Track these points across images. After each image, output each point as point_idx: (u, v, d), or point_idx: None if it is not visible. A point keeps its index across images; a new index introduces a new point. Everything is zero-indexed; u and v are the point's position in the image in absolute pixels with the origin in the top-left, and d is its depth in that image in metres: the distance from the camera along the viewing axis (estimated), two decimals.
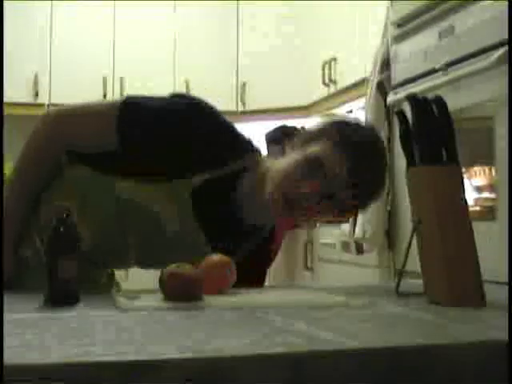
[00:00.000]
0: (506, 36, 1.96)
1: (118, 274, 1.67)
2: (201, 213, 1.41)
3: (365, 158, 1.36)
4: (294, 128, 3.13)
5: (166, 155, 1.38)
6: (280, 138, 3.03)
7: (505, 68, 1.96)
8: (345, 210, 1.41)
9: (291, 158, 1.40)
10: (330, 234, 3.24)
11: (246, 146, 1.48)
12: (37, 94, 4.38)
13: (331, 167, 1.35)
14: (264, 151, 3.10)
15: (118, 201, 1.39)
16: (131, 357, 0.73)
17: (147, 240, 1.43)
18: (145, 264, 1.50)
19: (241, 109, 4.69)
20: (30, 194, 1.41)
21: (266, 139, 3.08)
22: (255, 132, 4.66)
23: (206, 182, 1.39)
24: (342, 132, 1.39)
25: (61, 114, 1.45)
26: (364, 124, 1.53)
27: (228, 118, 1.47)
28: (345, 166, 1.34)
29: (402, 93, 2.49)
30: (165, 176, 1.38)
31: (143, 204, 1.39)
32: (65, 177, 1.44)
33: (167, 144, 1.38)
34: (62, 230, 1.15)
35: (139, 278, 1.90)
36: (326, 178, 1.34)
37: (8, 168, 1.49)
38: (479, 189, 2.21)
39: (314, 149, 1.38)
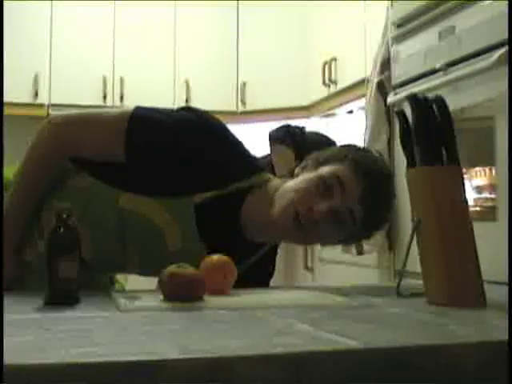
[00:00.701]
0: (506, 36, 1.96)
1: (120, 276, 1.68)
2: (205, 228, 1.40)
3: (377, 182, 1.38)
4: (297, 127, 3.13)
5: (171, 171, 1.37)
6: (284, 137, 3.03)
7: (505, 68, 1.96)
8: (350, 235, 1.42)
9: (305, 177, 1.40)
10: None
11: (253, 165, 1.47)
12: (37, 94, 4.37)
13: (347, 183, 1.35)
14: (268, 150, 3.09)
15: (120, 211, 1.38)
16: (131, 357, 0.73)
17: (148, 252, 1.43)
18: (145, 273, 1.50)
19: (241, 109, 4.69)
20: (32, 198, 1.41)
21: (270, 138, 3.08)
22: (255, 132, 4.68)
23: (212, 200, 1.39)
24: (354, 156, 1.40)
25: (68, 122, 1.43)
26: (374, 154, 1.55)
27: (228, 119, 1.46)
28: (359, 185, 1.35)
29: (402, 93, 2.49)
30: (168, 192, 1.37)
31: (147, 217, 1.38)
32: (68, 185, 1.43)
33: (174, 160, 1.37)
34: (61, 230, 1.15)
35: (139, 278, 1.90)
36: (343, 193, 1.35)
37: (9, 170, 1.49)
38: (479, 189, 2.21)
39: (327, 169, 1.38)
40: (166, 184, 1.37)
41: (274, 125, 3.20)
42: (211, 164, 1.38)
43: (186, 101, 4.51)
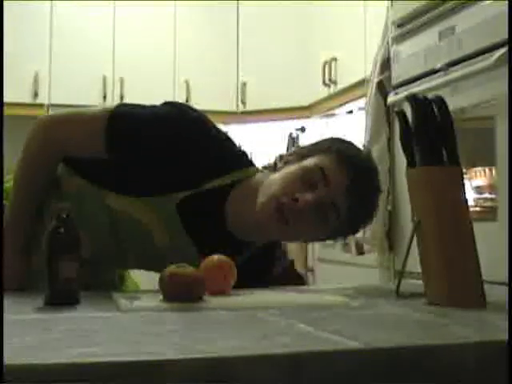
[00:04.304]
0: (506, 36, 1.96)
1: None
2: (190, 226, 1.40)
3: (363, 174, 1.35)
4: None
5: (149, 168, 1.36)
6: None
7: (505, 68, 1.96)
8: (335, 230, 1.39)
9: (288, 169, 1.37)
10: None
11: (237, 159, 1.44)
12: (37, 94, 4.38)
13: (332, 175, 1.33)
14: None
15: (110, 211, 1.39)
16: (131, 357, 0.73)
17: (140, 249, 1.44)
18: (144, 268, 1.50)
19: (241, 109, 4.69)
20: (31, 199, 1.42)
21: None
22: (255, 132, 4.67)
23: (195, 196, 1.37)
24: (338, 147, 1.38)
25: (53, 121, 1.45)
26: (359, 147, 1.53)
27: (228, 119, 1.46)
28: (345, 176, 1.32)
29: (402, 93, 2.49)
30: (148, 191, 1.36)
31: (133, 216, 1.38)
32: (63, 186, 1.44)
33: (151, 158, 1.36)
34: (61, 229, 1.15)
35: (139, 278, 1.90)
36: (327, 186, 1.32)
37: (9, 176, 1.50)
38: (479, 189, 2.21)
39: (311, 161, 1.36)
40: (145, 183, 1.37)
41: (274, 125, 3.19)
42: (187, 162, 1.37)
43: (186, 101, 4.51)
